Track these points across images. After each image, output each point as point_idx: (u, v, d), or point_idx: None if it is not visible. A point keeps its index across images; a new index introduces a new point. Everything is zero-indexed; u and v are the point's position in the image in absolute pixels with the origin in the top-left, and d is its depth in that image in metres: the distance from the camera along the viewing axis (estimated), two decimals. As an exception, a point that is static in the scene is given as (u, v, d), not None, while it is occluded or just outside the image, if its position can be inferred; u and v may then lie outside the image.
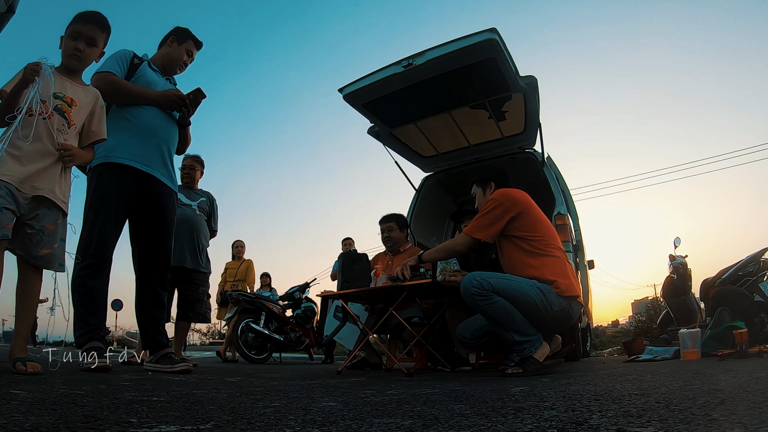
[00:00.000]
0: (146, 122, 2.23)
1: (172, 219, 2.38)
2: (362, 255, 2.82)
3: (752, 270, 3.84)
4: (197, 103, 2.36)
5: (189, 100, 2.32)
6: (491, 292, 2.05)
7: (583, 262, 4.03)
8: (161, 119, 2.30)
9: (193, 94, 2.34)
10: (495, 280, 2.09)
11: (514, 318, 2.07)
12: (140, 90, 2.24)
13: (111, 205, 2.13)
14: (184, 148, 2.57)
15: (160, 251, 2.30)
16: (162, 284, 2.33)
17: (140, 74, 2.28)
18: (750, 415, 0.88)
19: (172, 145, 2.39)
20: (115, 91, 2.18)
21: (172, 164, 2.39)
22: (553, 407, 1.03)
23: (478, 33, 2.80)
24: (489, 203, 2.32)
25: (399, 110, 3.68)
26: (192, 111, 2.37)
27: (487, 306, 2.06)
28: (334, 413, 1.01)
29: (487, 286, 2.06)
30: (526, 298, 2.09)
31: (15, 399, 1.07)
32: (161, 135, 2.30)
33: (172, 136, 2.39)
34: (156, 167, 2.26)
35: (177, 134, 2.42)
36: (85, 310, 2.06)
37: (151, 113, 2.26)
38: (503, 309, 2.06)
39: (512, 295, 2.08)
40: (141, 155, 2.20)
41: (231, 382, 1.82)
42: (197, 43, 2.47)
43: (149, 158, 2.23)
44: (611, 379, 1.73)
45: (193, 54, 2.48)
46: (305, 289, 5.77)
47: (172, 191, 2.38)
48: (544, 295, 2.12)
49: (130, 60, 2.29)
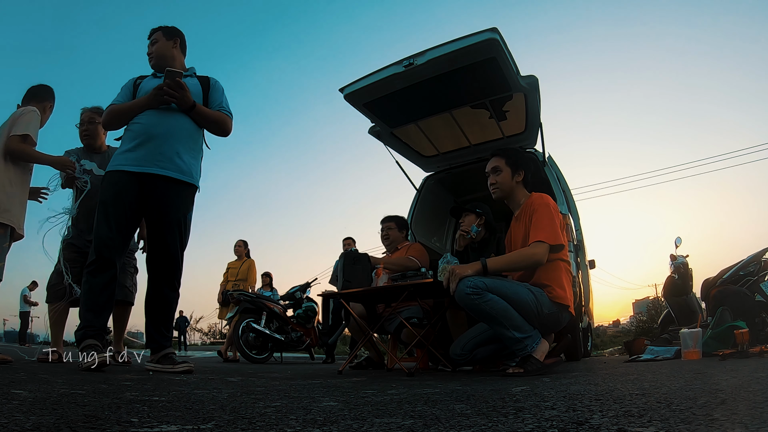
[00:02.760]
0: (142, 126, 2.28)
1: (179, 216, 2.30)
2: (363, 255, 2.82)
3: (753, 270, 3.83)
4: (177, 83, 2.24)
5: (167, 86, 2.23)
6: (485, 290, 2.05)
7: (584, 262, 4.03)
8: (158, 117, 2.29)
9: (167, 77, 2.24)
10: (488, 280, 2.09)
11: (511, 314, 2.07)
12: (131, 103, 2.34)
13: (108, 208, 2.20)
14: (220, 128, 2.44)
15: (164, 251, 2.28)
16: (171, 285, 2.30)
17: (141, 88, 2.39)
18: (751, 415, 0.88)
19: (177, 138, 2.31)
20: (114, 117, 2.35)
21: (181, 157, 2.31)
22: (554, 407, 1.02)
23: (479, 33, 2.80)
24: (546, 209, 2.23)
25: (400, 110, 3.68)
26: (179, 93, 2.26)
27: (484, 304, 2.05)
28: (335, 413, 1.01)
29: (482, 285, 2.05)
30: (519, 298, 2.09)
31: (16, 399, 1.07)
32: (159, 132, 2.27)
33: (175, 129, 2.31)
34: (156, 164, 2.23)
35: (186, 125, 2.35)
36: (84, 307, 2.13)
37: (147, 116, 2.29)
38: (500, 305, 2.05)
39: (506, 294, 2.07)
40: (137, 158, 2.24)
41: (232, 382, 1.82)
42: (150, 33, 2.51)
43: (148, 158, 2.23)
44: (612, 379, 1.73)
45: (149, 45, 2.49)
46: (306, 289, 5.78)
47: (182, 185, 2.31)
48: (536, 297, 2.13)
49: (132, 84, 2.44)
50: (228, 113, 2.46)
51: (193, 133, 2.39)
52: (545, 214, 2.21)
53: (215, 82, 2.50)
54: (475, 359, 2.35)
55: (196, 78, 2.48)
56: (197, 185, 2.40)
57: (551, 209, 2.24)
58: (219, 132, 2.47)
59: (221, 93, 2.50)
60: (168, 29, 2.48)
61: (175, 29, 2.51)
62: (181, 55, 2.52)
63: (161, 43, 2.45)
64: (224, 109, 2.45)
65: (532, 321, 2.13)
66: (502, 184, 2.42)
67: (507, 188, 2.41)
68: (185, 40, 2.55)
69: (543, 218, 2.20)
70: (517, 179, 2.40)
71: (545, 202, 2.26)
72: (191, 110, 2.33)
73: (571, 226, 3.49)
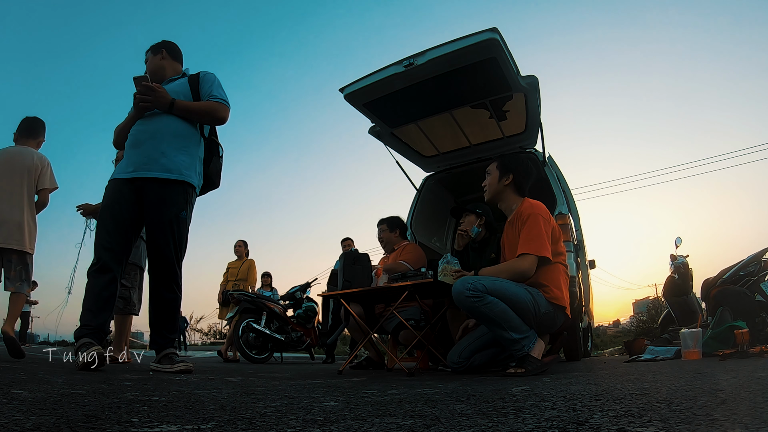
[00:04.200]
0: (130, 136, 2.39)
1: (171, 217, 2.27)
2: (363, 255, 2.83)
3: (753, 270, 3.83)
4: (145, 87, 2.28)
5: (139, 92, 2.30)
6: (485, 292, 2.07)
7: (584, 262, 4.03)
8: (144, 124, 2.37)
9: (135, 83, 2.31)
10: (486, 281, 2.11)
11: (510, 316, 2.09)
12: (125, 120, 2.47)
13: (107, 214, 2.28)
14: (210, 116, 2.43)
15: (158, 253, 2.28)
16: (167, 287, 2.29)
17: None
18: (751, 415, 0.88)
19: (161, 138, 2.31)
20: (117, 135, 2.50)
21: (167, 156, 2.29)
22: (554, 407, 1.02)
23: (479, 33, 2.80)
24: (535, 220, 2.23)
25: (400, 110, 3.68)
26: (151, 96, 2.29)
27: (483, 306, 2.07)
28: (335, 413, 1.01)
29: (481, 287, 2.07)
30: (517, 298, 2.11)
31: (16, 399, 1.07)
32: (144, 137, 2.34)
33: (159, 131, 2.33)
34: (143, 167, 2.27)
35: (171, 125, 2.35)
36: (84, 307, 2.16)
37: (136, 126, 2.39)
38: (499, 307, 2.07)
39: (504, 295, 2.09)
40: (128, 164, 2.32)
41: (232, 382, 1.82)
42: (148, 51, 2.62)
43: (136, 163, 2.29)
44: (612, 379, 1.73)
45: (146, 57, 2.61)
46: (306, 289, 5.78)
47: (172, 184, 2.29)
48: (533, 297, 2.16)
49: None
50: (220, 100, 2.43)
51: (181, 131, 2.37)
52: (534, 225, 2.23)
53: (204, 75, 2.50)
54: (472, 366, 2.36)
55: (186, 77, 2.50)
56: (190, 182, 2.35)
57: (541, 219, 2.24)
58: (211, 121, 2.47)
59: (210, 83, 2.48)
60: (154, 46, 2.59)
61: (161, 42, 2.60)
62: (172, 62, 2.57)
63: (150, 60, 2.57)
64: (215, 98, 2.43)
65: (529, 321, 2.15)
66: (489, 186, 2.47)
67: (493, 190, 2.46)
68: (174, 46, 2.61)
69: (532, 230, 2.22)
70: (504, 182, 2.42)
71: (536, 212, 2.26)
72: (171, 108, 2.34)
73: (571, 226, 3.49)
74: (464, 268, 2.78)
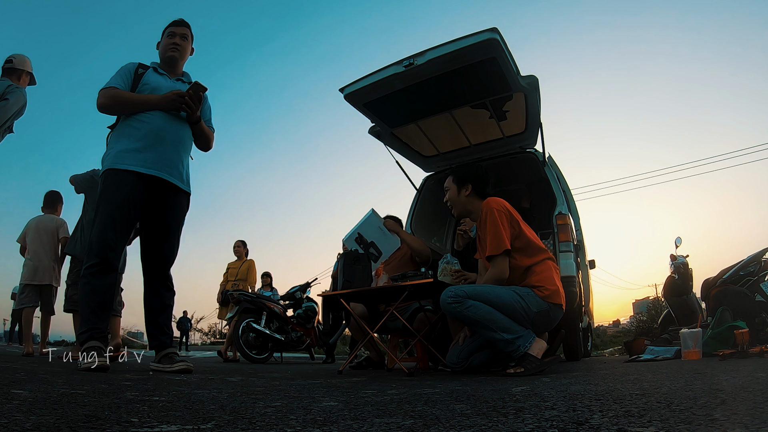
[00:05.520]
0: (151, 127, 2.23)
1: (179, 222, 2.37)
2: (363, 255, 2.82)
3: (753, 270, 3.83)
4: (198, 97, 2.28)
5: (189, 96, 2.26)
6: (465, 297, 2.12)
7: (584, 262, 4.03)
8: (167, 122, 2.27)
9: (192, 89, 2.27)
10: (469, 288, 2.17)
11: (496, 317, 2.11)
12: (141, 97, 2.26)
13: (114, 209, 2.15)
14: (208, 143, 2.50)
15: (162, 255, 2.31)
16: (166, 285, 2.34)
17: (145, 82, 2.32)
18: (751, 415, 0.88)
19: (182, 146, 2.35)
20: (117, 103, 2.24)
21: (183, 165, 2.36)
22: (554, 407, 1.02)
23: (479, 33, 2.80)
24: (490, 217, 2.26)
25: (400, 110, 3.68)
26: (196, 106, 2.28)
27: (465, 310, 2.11)
28: (335, 413, 1.01)
29: (461, 293, 2.13)
30: (502, 300, 2.13)
31: (16, 398, 1.07)
32: (169, 138, 2.27)
33: (182, 137, 2.34)
34: (165, 170, 2.25)
35: (189, 134, 2.38)
36: (87, 309, 2.10)
37: (156, 117, 2.25)
38: (481, 309, 2.10)
39: (487, 298, 2.12)
40: (147, 160, 2.21)
41: (232, 382, 1.82)
42: (176, 22, 2.46)
43: (158, 162, 2.23)
44: (612, 379, 1.73)
45: (176, 33, 2.42)
46: (306, 289, 5.78)
47: (182, 193, 2.37)
48: (522, 298, 2.16)
49: (134, 71, 2.33)
50: (213, 129, 2.53)
51: (191, 143, 2.44)
52: (490, 223, 2.26)
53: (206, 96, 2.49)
54: (471, 366, 2.37)
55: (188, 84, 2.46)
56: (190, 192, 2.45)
57: (495, 212, 2.26)
58: (205, 147, 2.53)
59: (209, 108, 2.54)
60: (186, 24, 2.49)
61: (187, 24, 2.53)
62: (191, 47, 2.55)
63: (187, 43, 2.47)
64: (211, 126, 2.52)
65: (522, 321, 2.16)
66: (451, 200, 2.51)
67: (457, 204, 2.49)
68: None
69: (489, 230, 2.26)
70: (464, 193, 2.46)
71: (488, 209, 2.29)
72: (196, 123, 2.37)
73: (571, 226, 3.49)
74: (464, 268, 2.79)
